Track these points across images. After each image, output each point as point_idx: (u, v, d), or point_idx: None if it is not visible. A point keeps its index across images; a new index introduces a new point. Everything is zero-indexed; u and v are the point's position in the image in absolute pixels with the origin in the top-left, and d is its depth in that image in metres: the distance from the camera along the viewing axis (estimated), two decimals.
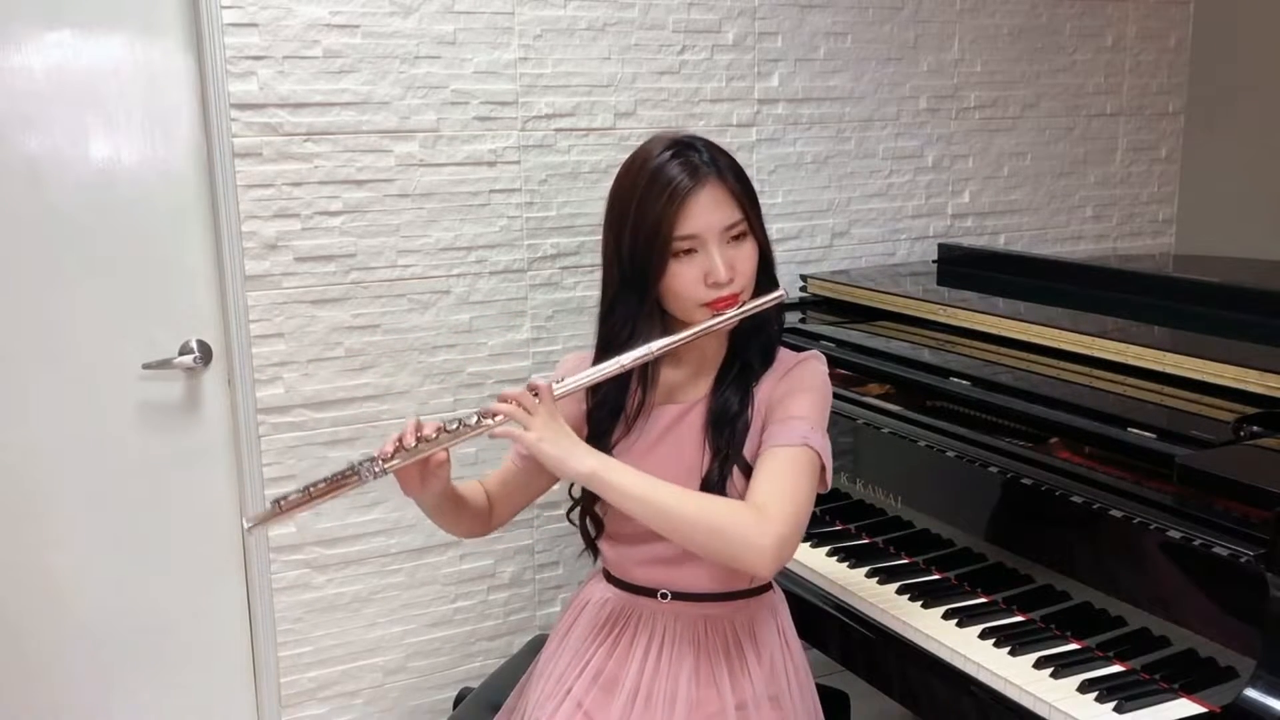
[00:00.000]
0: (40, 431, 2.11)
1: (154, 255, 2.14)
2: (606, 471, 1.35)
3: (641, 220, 1.41)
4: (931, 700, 1.61)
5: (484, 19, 2.25)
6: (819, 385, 1.49)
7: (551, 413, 1.36)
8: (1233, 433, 1.54)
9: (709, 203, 1.41)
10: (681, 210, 1.40)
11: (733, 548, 1.36)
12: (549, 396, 1.36)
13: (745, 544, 1.35)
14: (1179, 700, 1.39)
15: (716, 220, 1.41)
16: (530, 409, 1.35)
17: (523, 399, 1.36)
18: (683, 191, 1.40)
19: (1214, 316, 2.04)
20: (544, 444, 1.34)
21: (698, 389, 1.52)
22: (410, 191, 2.25)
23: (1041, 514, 1.62)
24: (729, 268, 1.41)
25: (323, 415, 2.25)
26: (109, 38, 2.06)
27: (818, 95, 2.63)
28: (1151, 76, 3.09)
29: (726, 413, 1.47)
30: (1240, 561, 1.34)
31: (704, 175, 1.41)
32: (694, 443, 1.48)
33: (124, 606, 2.21)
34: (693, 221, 1.40)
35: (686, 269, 1.42)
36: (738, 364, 1.50)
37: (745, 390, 1.48)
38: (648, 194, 1.41)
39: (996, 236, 2.96)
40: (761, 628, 1.55)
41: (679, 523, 1.35)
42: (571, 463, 1.35)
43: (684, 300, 1.43)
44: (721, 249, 1.42)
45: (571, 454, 1.35)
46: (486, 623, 2.47)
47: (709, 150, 1.45)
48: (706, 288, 1.42)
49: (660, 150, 1.44)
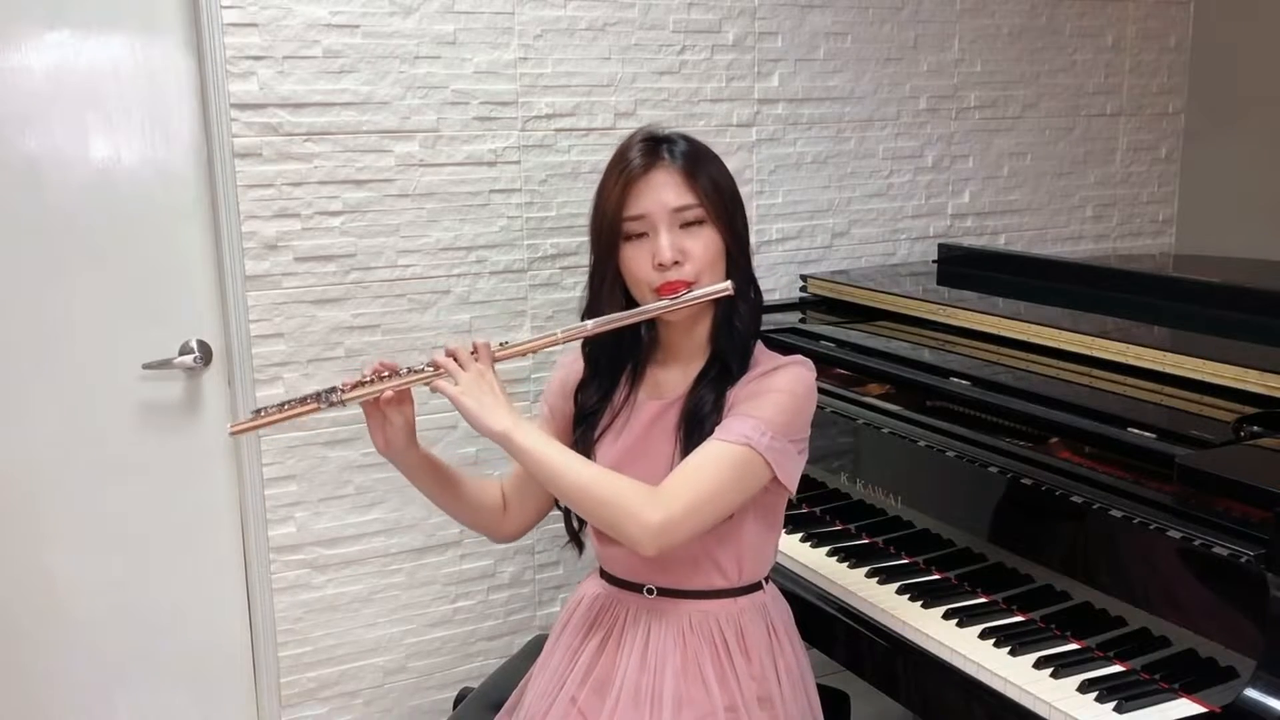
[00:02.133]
0: (40, 431, 2.11)
1: (154, 255, 2.14)
2: (518, 433, 1.38)
3: (600, 201, 1.49)
4: (931, 700, 1.61)
5: (484, 19, 2.25)
6: (792, 390, 1.47)
7: (482, 372, 1.40)
8: (1233, 433, 1.54)
9: (657, 184, 1.45)
10: (630, 189, 1.45)
11: (618, 518, 1.37)
12: (486, 355, 1.42)
13: (629, 515, 1.36)
14: (1179, 700, 1.39)
15: (665, 201, 1.44)
16: (464, 364, 1.40)
17: (459, 354, 1.41)
18: (632, 171, 1.45)
19: (1214, 316, 2.04)
20: (464, 397, 1.38)
21: (680, 386, 1.54)
22: (410, 191, 2.25)
23: (1042, 514, 1.62)
24: (677, 251, 1.44)
25: (323, 415, 2.24)
26: (109, 38, 2.06)
27: (818, 95, 2.63)
28: (1151, 76, 3.09)
29: (698, 412, 1.48)
30: (1240, 561, 1.34)
31: (659, 160, 1.46)
32: (668, 439, 1.50)
33: (124, 606, 2.21)
34: (640, 201, 1.45)
35: (637, 251, 1.46)
36: (717, 365, 1.52)
37: (720, 391, 1.49)
38: (607, 176, 1.49)
39: (996, 236, 2.96)
40: (750, 628, 1.55)
41: (575, 490, 1.38)
42: (486, 419, 1.37)
43: (639, 284, 1.47)
44: (672, 233, 1.44)
45: (489, 412, 1.38)
46: (486, 623, 2.47)
47: (684, 142, 1.49)
48: (655, 270, 1.45)
49: (635, 140, 1.49)
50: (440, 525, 2.37)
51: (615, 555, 1.58)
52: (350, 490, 2.29)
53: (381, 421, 1.46)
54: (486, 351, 1.43)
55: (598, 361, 1.58)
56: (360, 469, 2.29)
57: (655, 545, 1.38)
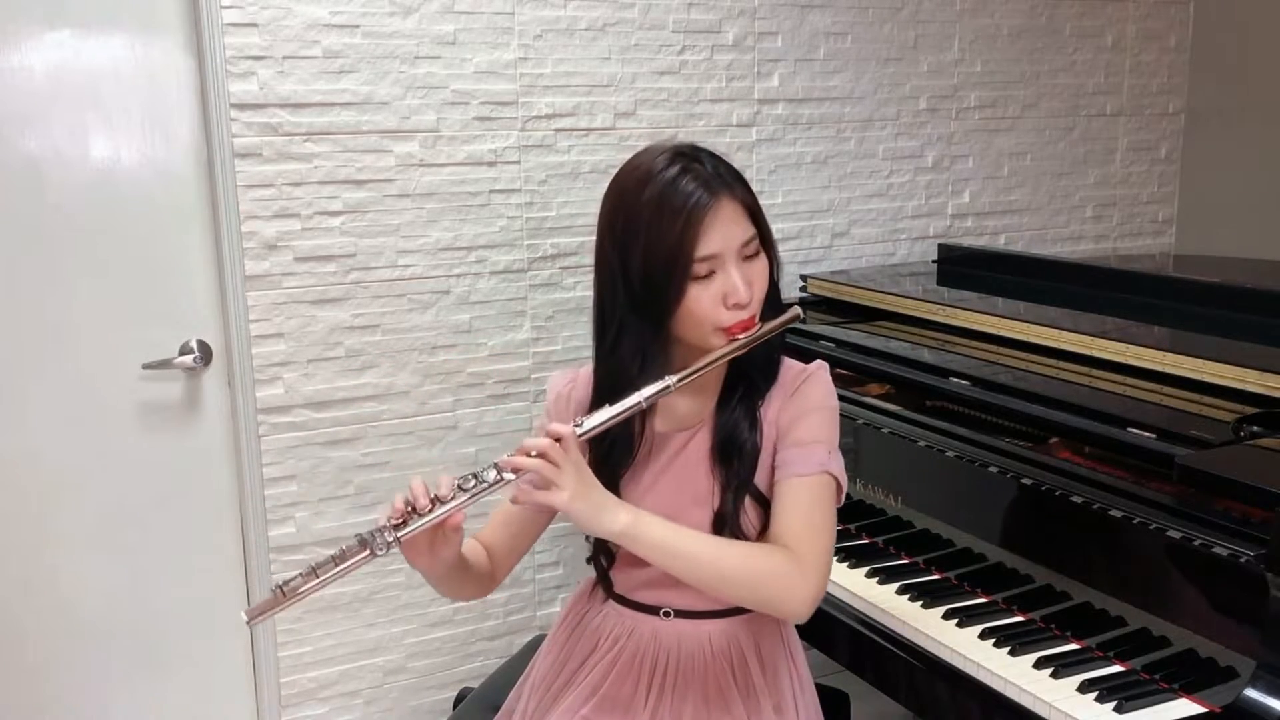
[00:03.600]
0: (40, 432, 2.12)
1: (154, 255, 2.14)
2: (638, 527, 1.30)
3: (658, 242, 1.32)
4: (931, 700, 1.61)
5: (484, 19, 2.25)
6: (829, 402, 1.44)
7: (579, 464, 1.28)
8: (1233, 433, 1.54)
9: (726, 219, 1.33)
10: (701, 229, 1.31)
11: (774, 599, 1.35)
12: (574, 446, 1.28)
13: (788, 594, 1.34)
14: (1179, 700, 1.39)
15: (735, 237, 1.34)
16: (558, 462, 1.25)
17: (549, 452, 1.25)
18: (701, 209, 1.31)
19: (1214, 316, 2.04)
20: (577, 501, 1.26)
21: (700, 412, 1.45)
22: (410, 191, 2.25)
23: (1041, 514, 1.62)
24: (747, 286, 1.34)
25: (323, 415, 2.25)
26: (109, 38, 2.06)
27: (818, 95, 2.63)
28: (1151, 76, 3.09)
29: (735, 439, 1.41)
30: (1240, 561, 1.34)
31: (717, 190, 1.33)
32: (701, 471, 1.43)
33: (124, 606, 2.21)
34: (713, 241, 1.32)
35: (705, 291, 1.33)
36: (742, 383, 1.43)
37: (752, 412, 1.42)
38: (661, 213, 1.32)
39: (996, 236, 2.96)
40: (767, 640, 1.51)
41: (716, 577, 1.33)
42: (605, 520, 1.29)
43: (702, 325, 1.35)
44: (739, 267, 1.34)
45: (605, 510, 1.29)
46: (486, 623, 2.47)
47: (712, 161, 1.37)
48: (726, 310, 1.34)
49: (664, 164, 1.34)
50: None
51: (631, 581, 1.50)
52: (350, 490, 2.29)
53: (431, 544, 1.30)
54: (573, 442, 1.27)
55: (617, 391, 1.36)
56: (360, 469, 2.29)
57: (813, 610, 1.37)
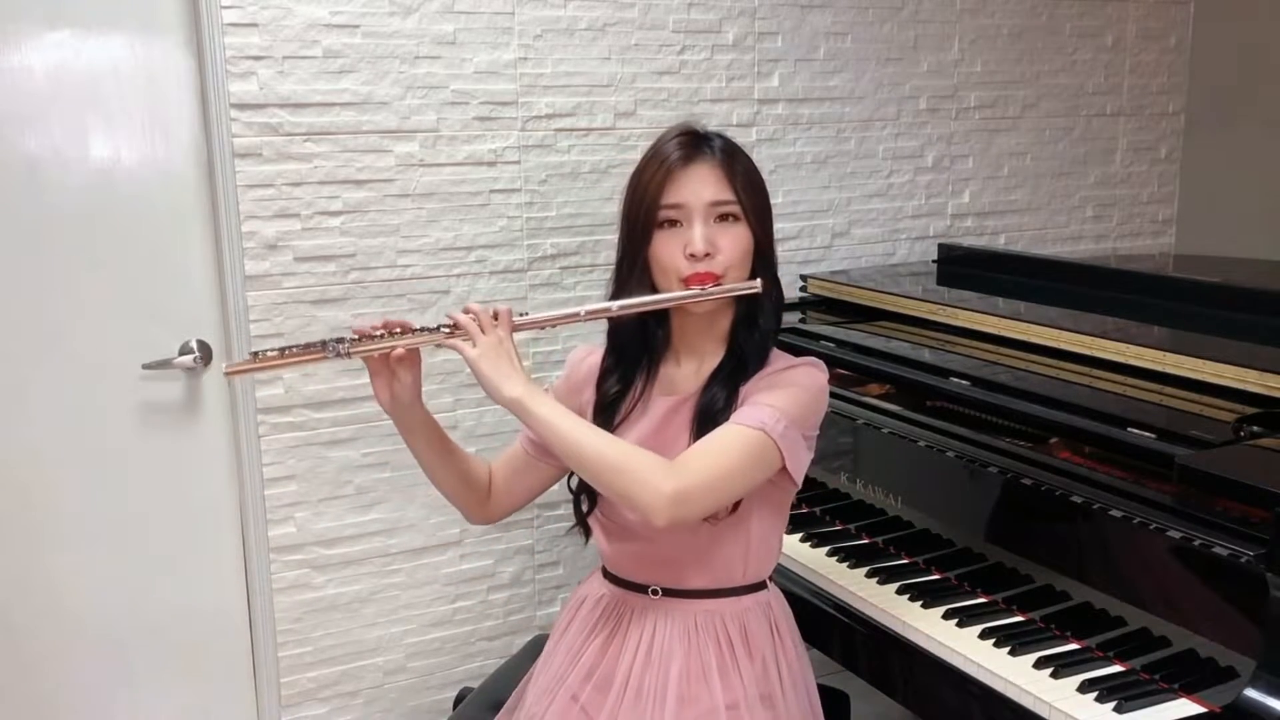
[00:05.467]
0: (40, 431, 2.11)
1: (154, 255, 2.14)
2: (531, 400, 1.38)
3: (637, 188, 1.49)
4: (931, 700, 1.61)
5: (484, 19, 2.25)
6: (806, 386, 1.49)
7: (501, 338, 1.39)
8: (1233, 433, 1.54)
9: (697, 176, 1.46)
10: (669, 179, 1.46)
11: (631, 487, 1.36)
12: (507, 321, 1.41)
13: (643, 483, 1.35)
14: (1179, 700, 1.40)
15: (704, 194, 1.45)
16: (484, 328, 1.39)
17: (481, 316, 1.40)
18: (673, 162, 1.46)
19: (1214, 316, 2.04)
20: (482, 361, 1.37)
21: (694, 383, 1.54)
22: (410, 191, 2.25)
23: (1041, 514, 1.62)
24: (709, 244, 1.44)
25: (323, 415, 2.25)
26: (109, 38, 2.06)
27: (818, 95, 2.63)
28: (1151, 76, 3.09)
29: (711, 408, 1.48)
30: (1240, 561, 1.34)
31: (700, 153, 1.47)
32: (682, 438, 1.50)
33: (124, 606, 2.21)
34: (681, 192, 1.46)
35: (669, 239, 1.46)
36: (732, 362, 1.52)
37: (733, 388, 1.49)
38: (646, 165, 1.50)
39: (996, 236, 2.96)
40: (753, 626, 1.55)
41: (590, 455, 1.37)
42: (501, 384, 1.37)
43: (667, 272, 1.47)
44: (706, 225, 1.45)
45: (505, 378, 1.38)
46: (486, 623, 2.47)
47: (721, 140, 1.50)
48: (685, 260, 1.45)
49: (674, 134, 1.51)
50: (440, 525, 2.37)
51: (620, 555, 1.58)
52: (350, 490, 2.29)
53: (389, 378, 1.45)
54: (507, 318, 1.42)
55: (623, 349, 1.57)
56: (360, 469, 2.29)
57: (668, 514, 1.36)
